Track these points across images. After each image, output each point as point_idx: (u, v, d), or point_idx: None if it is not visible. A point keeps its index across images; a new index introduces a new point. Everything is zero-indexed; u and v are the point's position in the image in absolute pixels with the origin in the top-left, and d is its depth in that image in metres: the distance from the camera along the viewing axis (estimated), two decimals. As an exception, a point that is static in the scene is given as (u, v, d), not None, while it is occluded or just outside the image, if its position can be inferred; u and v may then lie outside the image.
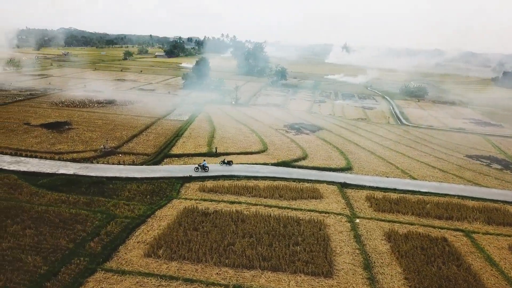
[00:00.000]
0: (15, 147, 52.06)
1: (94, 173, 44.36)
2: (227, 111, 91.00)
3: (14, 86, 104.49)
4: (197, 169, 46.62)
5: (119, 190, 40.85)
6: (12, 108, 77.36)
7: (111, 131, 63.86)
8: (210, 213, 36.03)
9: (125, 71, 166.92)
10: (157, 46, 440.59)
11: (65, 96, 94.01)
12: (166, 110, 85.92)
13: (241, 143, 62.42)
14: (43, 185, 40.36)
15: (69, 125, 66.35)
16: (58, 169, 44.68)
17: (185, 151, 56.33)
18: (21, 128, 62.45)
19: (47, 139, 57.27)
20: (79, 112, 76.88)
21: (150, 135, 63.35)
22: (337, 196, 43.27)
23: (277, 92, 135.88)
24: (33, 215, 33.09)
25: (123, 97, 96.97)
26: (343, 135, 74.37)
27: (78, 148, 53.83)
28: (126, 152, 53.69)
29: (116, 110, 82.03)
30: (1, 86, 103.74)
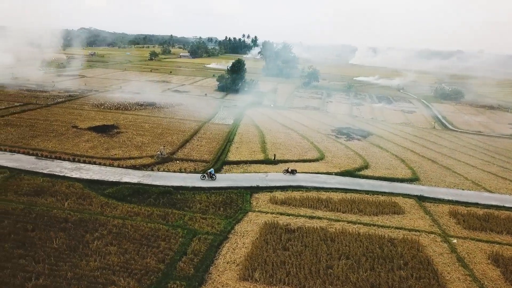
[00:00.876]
0: (71, 152, 50.51)
1: (159, 182, 42.32)
2: (269, 114, 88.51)
3: (50, 86, 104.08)
4: (204, 177, 43.69)
5: (189, 201, 38.64)
6: (56, 110, 76.38)
7: (161, 136, 61.97)
8: (293, 229, 33.42)
9: (154, 71, 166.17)
10: (177, 46, 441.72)
11: (104, 98, 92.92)
12: (208, 113, 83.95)
13: (295, 150, 59.78)
14: (110, 195, 38.41)
15: (117, 128, 64.76)
16: (121, 177, 42.76)
17: (242, 157, 53.96)
18: (71, 131, 61.07)
19: (99, 143, 55.62)
20: (123, 115, 75.37)
21: (202, 140, 61.22)
22: (419, 211, 40.20)
23: (311, 94, 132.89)
24: (111, 230, 31.02)
25: (162, 99, 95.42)
26: (396, 141, 71.06)
27: (134, 154, 51.95)
28: (183, 159, 51.58)
29: (159, 113, 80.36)
30: (41, 87, 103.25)
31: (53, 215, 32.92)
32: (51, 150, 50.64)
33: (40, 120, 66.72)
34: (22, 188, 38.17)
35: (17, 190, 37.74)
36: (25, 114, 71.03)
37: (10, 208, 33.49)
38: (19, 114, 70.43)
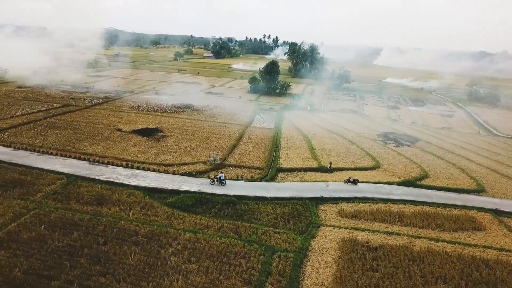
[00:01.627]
0: (122, 157, 49.18)
1: (219, 191, 40.42)
2: (308, 117, 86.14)
3: (83, 87, 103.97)
4: (213, 181, 41.70)
5: (255, 213, 36.62)
6: (96, 112, 75.63)
7: (207, 140, 60.28)
8: (375, 247, 30.96)
9: (182, 72, 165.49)
10: (197, 47, 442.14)
11: (140, 100, 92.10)
12: (247, 116, 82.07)
13: (347, 156, 57.25)
14: (173, 205, 36.73)
15: (161, 132, 63.38)
16: (180, 185, 41.05)
17: (294, 164, 51.74)
18: (116, 134, 59.92)
19: (148, 148, 54.19)
20: (164, 118, 74.08)
21: (249, 145, 59.25)
22: (500, 227, 37.30)
23: (344, 96, 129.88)
24: (186, 245, 29.21)
25: (197, 101, 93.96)
26: (447, 148, 67.84)
27: (185, 160, 50.30)
28: (236, 165, 49.63)
29: (198, 116, 78.87)
30: (75, 87, 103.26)
31: (122, 227, 31.32)
32: (102, 155, 49.40)
33: (82, 123, 65.88)
34: (83, 196, 36.80)
35: (78, 198, 36.38)
36: (66, 116, 70.39)
37: (77, 219, 32.02)
38: (61, 116, 69.84)
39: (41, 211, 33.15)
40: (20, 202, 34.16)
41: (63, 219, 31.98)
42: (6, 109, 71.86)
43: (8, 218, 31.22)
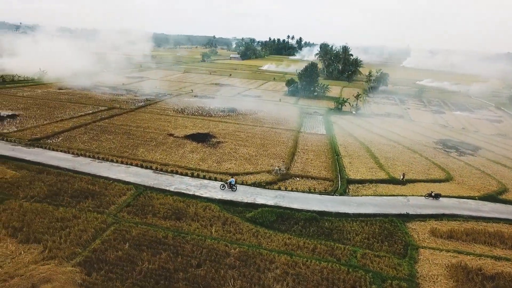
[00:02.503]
0: (184, 165, 47.15)
1: (297, 205, 37.77)
2: (357, 122, 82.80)
3: (122, 89, 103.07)
4: (223, 186, 39.98)
5: (342, 231, 33.82)
6: (142, 115, 74.14)
7: (263, 147, 57.82)
8: (492, 276, 27.71)
9: (213, 74, 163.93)
10: (219, 48, 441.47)
11: (181, 102, 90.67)
12: (294, 120, 79.41)
13: (414, 167, 53.90)
14: (253, 220, 34.26)
15: (214, 137, 61.22)
16: (254, 198, 38.60)
17: (363, 175, 48.67)
18: (169, 140, 58.01)
19: (207, 155, 52.03)
20: (212, 122, 72.01)
21: (308, 153, 56.45)
22: None
23: (383, 99, 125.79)
24: (285, 269, 26.60)
25: (240, 104, 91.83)
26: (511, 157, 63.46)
27: (248, 168, 47.88)
28: (303, 176, 46.87)
29: (245, 120, 76.55)
30: (115, 89, 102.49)
31: (210, 246, 28.93)
32: (163, 163, 47.43)
33: (132, 127, 64.34)
34: (158, 209, 34.71)
35: (154, 212, 34.30)
36: (114, 119, 69.05)
37: (161, 236, 29.82)
38: (108, 120, 68.53)
39: (120, 226, 31.12)
40: (98, 216, 32.24)
41: (146, 236, 29.84)
42: (54, 112, 71.05)
43: (90, 234, 29.27)
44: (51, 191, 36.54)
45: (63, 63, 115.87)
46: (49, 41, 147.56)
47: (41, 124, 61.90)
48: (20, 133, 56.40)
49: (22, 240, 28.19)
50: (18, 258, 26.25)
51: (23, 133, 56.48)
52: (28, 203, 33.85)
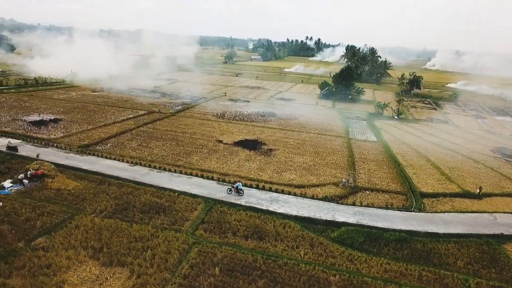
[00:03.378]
0: (243, 175, 44.78)
1: (381, 223, 34.90)
2: (405, 129, 79.43)
3: (155, 92, 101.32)
4: (230, 190, 38.37)
5: (440, 255, 30.65)
6: (184, 120, 72.10)
7: (318, 155, 55.04)
8: None
9: (239, 76, 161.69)
10: (237, 49, 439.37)
11: (219, 106, 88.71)
12: (338, 126, 76.46)
13: (483, 178, 50.59)
14: (340, 241, 31.53)
15: (264, 144, 58.66)
16: (333, 215, 35.88)
17: (434, 188, 45.55)
18: (220, 147, 55.63)
19: (263, 164, 49.46)
20: (256, 128, 69.51)
21: (368, 163, 53.40)
22: None
23: (419, 103, 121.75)
24: (400, 303, 23.59)
25: (277, 109, 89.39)
26: None
27: (311, 180, 45.17)
28: (372, 189, 43.86)
29: (289, 125, 73.99)
30: (147, 92, 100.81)
31: (308, 273, 26.20)
32: (222, 172, 45.01)
33: (178, 133, 62.21)
34: (236, 227, 32.28)
35: (233, 230, 31.87)
36: (157, 124, 67.08)
37: (251, 260, 27.30)
38: (151, 125, 66.61)
39: (203, 247, 28.67)
40: (177, 235, 29.90)
41: (234, 259, 27.32)
42: (94, 116, 69.45)
43: (176, 257, 26.88)
44: (119, 205, 34.35)
45: (94, 65, 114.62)
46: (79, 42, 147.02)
47: (86, 129, 60.16)
48: (67, 139, 54.70)
49: (105, 263, 25.92)
50: (106, 284, 23.93)
51: (70, 139, 54.76)
52: (98, 218, 31.67)
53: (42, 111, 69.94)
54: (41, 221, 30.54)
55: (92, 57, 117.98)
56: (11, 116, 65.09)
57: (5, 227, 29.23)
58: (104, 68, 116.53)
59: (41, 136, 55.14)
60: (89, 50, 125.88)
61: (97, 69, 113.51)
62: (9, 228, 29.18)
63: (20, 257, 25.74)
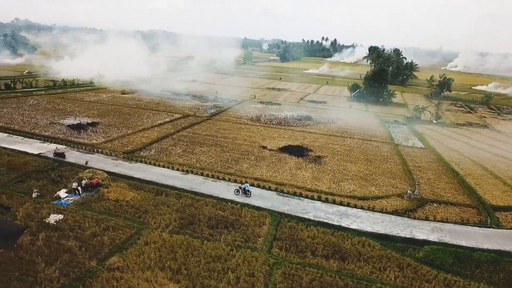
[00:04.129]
0: (301, 185, 42.59)
1: (465, 242, 32.30)
2: (448, 134, 76.60)
3: (185, 94, 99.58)
4: (238, 191, 37.76)
5: (540, 279, 27.82)
6: (221, 124, 70.21)
7: (370, 163, 52.62)
8: None
9: (262, 78, 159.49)
10: (251, 49, 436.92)
11: (251, 109, 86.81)
12: (379, 131, 73.81)
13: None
14: (429, 263, 28.94)
15: (310, 151, 56.30)
16: (410, 231, 33.53)
17: (504, 201, 42.66)
18: (266, 153, 53.45)
19: (316, 173, 47.22)
20: (297, 132, 67.25)
21: (424, 172, 50.74)
22: None
23: (451, 106, 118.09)
24: None
25: (312, 112, 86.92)
26: None
27: (372, 191, 42.77)
28: (439, 201, 41.16)
29: (330, 130, 71.62)
30: (177, 95, 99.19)
31: (408, 301, 23.66)
32: (278, 182, 42.91)
33: (219, 138, 60.29)
34: (313, 245, 29.92)
35: (311, 248, 29.58)
36: (195, 129, 65.28)
37: (341, 284, 24.88)
38: (190, 129, 64.86)
39: (286, 268, 26.41)
40: (255, 255, 27.80)
41: (323, 283, 25.12)
42: (130, 119, 67.94)
43: (261, 281, 24.76)
44: (184, 219, 32.35)
45: (121, 67, 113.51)
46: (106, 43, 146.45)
47: (126, 134, 58.50)
48: (109, 144, 53.02)
49: (188, 286, 23.81)
50: (194, 312, 21.78)
51: (112, 144, 53.09)
52: (166, 234, 29.64)
53: (77, 114, 68.63)
54: (108, 236, 28.63)
55: (119, 58, 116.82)
56: (48, 119, 63.78)
57: (73, 243, 27.38)
58: (132, 70, 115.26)
59: (83, 141, 53.61)
60: (116, 51, 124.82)
61: (124, 71, 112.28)
62: (77, 244, 27.28)
63: (97, 278, 23.76)
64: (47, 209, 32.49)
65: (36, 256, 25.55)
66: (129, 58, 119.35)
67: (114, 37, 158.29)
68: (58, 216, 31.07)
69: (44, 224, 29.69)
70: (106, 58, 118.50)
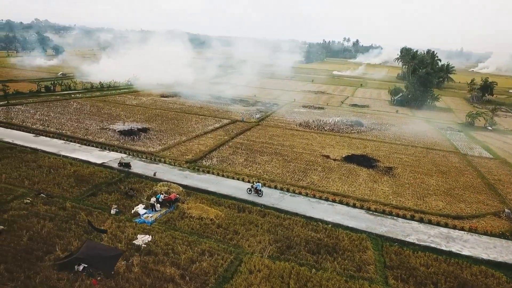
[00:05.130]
0: (383, 201, 39.46)
1: None
2: (509, 141, 71.66)
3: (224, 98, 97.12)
4: (250, 191, 37.51)
5: None
6: (272, 130, 67.51)
7: (445, 175, 49.28)
8: None
9: (292, 79, 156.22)
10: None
11: (298, 114, 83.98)
12: (441, 139, 70.66)
13: None
14: None
15: (377, 161, 52.97)
16: (531, 260, 29.44)
17: None
18: (332, 164, 50.40)
19: (395, 187, 44.09)
20: (355, 140, 64.10)
21: (510, 187, 46.60)
22: None
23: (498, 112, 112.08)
24: None
25: (360, 117, 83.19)
26: None
27: (463, 209, 39.13)
28: (540, 221, 37.15)
29: (386, 137, 68.39)
30: (218, 98, 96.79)
31: None
32: (360, 198, 39.80)
33: (276, 146, 57.62)
34: (429, 275, 26.81)
35: (427, 278, 26.20)
36: (249, 135, 62.89)
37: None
38: (243, 135, 62.43)
39: (415, 306, 23.06)
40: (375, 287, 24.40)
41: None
42: (179, 124, 65.76)
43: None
44: (279, 241, 29.49)
45: (161, 69, 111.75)
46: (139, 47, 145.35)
47: (181, 140, 56.17)
48: (167, 152, 50.69)
49: (317, 328, 20.73)
50: None
51: (171, 152, 50.75)
52: (268, 260, 26.85)
53: (124, 119, 66.67)
54: (207, 262, 25.96)
55: (160, 60, 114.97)
56: (97, 124, 61.95)
57: (172, 270, 24.80)
58: (172, 73, 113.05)
59: (139, 148, 51.41)
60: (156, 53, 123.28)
61: (164, 73, 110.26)
62: (177, 272, 24.62)
63: (215, 317, 20.95)
64: (130, 227, 30.07)
65: (139, 286, 22.94)
66: (170, 61, 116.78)
67: (154, 38, 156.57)
68: (146, 237, 28.56)
69: (134, 247, 27.13)
70: (144, 60, 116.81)
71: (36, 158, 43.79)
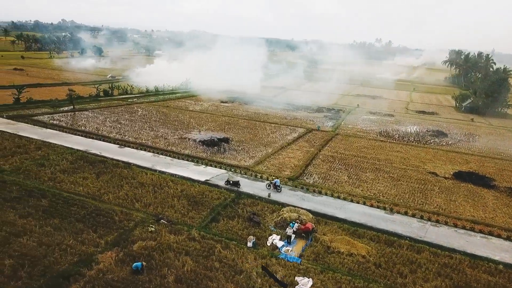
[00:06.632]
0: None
1: None
2: None
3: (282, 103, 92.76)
4: (269, 186, 38.06)
5: None
6: (356, 141, 63.58)
7: None
8: None
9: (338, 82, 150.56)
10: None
11: (368, 122, 78.37)
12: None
13: None
14: None
15: (492, 180, 47.47)
16: None
17: None
18: (445, 183, 45.47)
19: (534, 213, 37.89)
20: (451, 153, 58.88)
21: None
22: None
23: None
24: None
25: (438, 127, 77.62)
26: None
27: None
28: None
29: (486, 151, 62.70)
30: (272, 101, 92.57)
31: None
32: (508, 228, 34.12)
33: (370, 159, 53.62)
34: None
35: None
36: (335, 147, 58.85)
37: None
38: (328, 147, 58.62)
39: None
40: None
41: None
42: (257, 134, 62.41)
43: None
44: None
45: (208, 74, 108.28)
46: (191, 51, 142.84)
47: (268, 153, 52.23)
48: (262, 166, 46.47)
49: None
50: None
51: (265, 166, 46.62)
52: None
53: (199, 128, 63.15)
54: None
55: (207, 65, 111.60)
56: (174, 133, 58.64)
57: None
58: (233, 79, 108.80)
59: (230, 161, 47.64)
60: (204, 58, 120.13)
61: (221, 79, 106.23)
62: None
63: None
64: (279, 265, 25.81)
65: None
66: (230, 66, 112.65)
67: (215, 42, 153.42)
68: (306, 281, 24.27)
69: (299, 294, 22.86)
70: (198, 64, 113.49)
71: (133, 174, 40.28)
